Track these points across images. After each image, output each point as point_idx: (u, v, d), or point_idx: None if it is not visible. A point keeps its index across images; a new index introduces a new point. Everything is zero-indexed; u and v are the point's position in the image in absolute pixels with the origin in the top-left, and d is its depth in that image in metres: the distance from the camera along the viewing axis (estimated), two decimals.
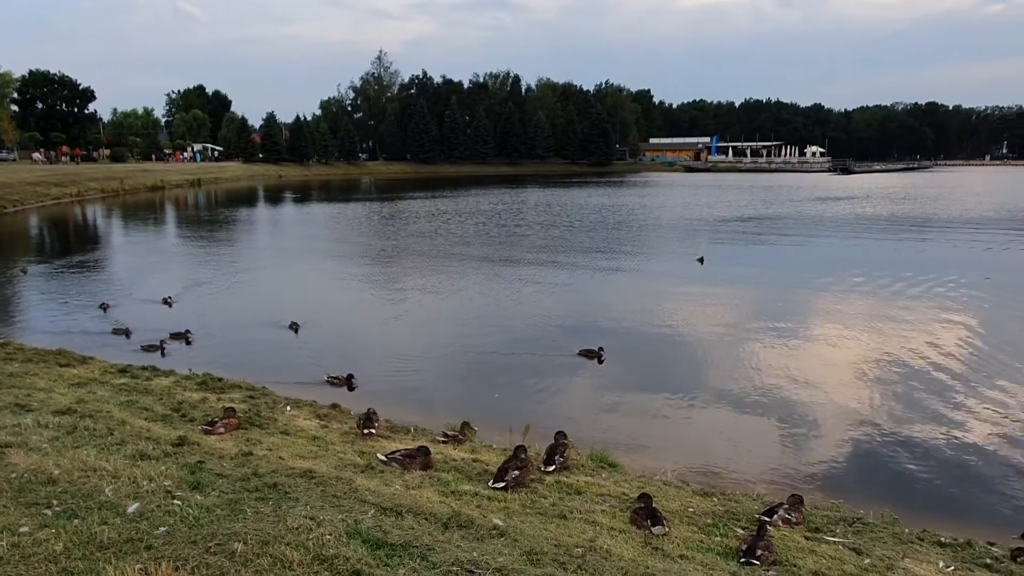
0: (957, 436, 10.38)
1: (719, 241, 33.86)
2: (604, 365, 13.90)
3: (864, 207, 56.20)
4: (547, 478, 7.72)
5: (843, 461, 9.71)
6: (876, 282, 22.56)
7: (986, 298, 20.26)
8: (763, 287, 22.02)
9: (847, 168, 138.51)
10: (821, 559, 6.06)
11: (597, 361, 14.03)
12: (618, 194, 74.42)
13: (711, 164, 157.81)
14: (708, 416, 11.39)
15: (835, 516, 7.27)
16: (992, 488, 8.85)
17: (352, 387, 12.47)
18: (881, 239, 35.25)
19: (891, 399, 11.96)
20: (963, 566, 6.19)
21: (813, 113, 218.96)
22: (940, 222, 44.41)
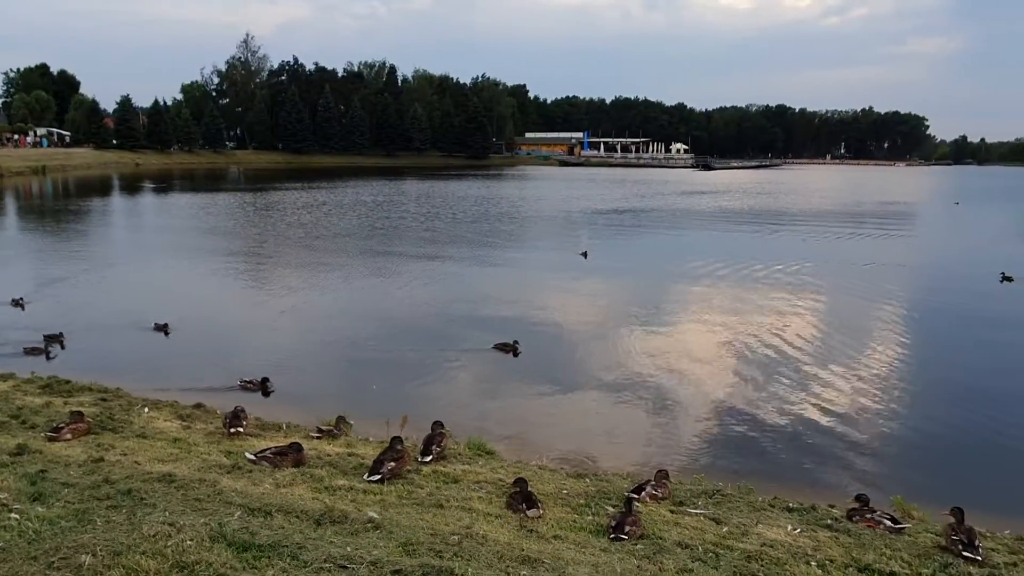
0: (802, 412, 11.29)
1: (600, 235, 34.92)
2: (487, 356, 13.99)
3: (725, 201, 59.95)
4: (424, 468, 7.68)
5: (705, 438, 10.31)
6: (735, 271, 24.15)
7: (828, 284, 22.18)
8: (639, 278, 22.97)
9: (708, 164, 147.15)
10: (684, 530, 6.40)
11: (512, 355, 14.05)
12: (498, 187, 75.11)
13: (584, 159, 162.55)
14: (585, 402, 11.76)
15: (697, 489, 7.71)
16: (832, 457, 9.69)
17: (268, 391, 11.72)
18: (740, 230, 37.71)
19: (747, 380, 12.83)
20: (808, 528, 6.75)
21: (677, 112, 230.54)
22: (790, 215, 48.22)
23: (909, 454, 9.94)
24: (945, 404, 12.05)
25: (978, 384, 13.20)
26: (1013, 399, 12.33)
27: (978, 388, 12.94)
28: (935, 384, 13.13)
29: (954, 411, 11.71)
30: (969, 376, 13.74)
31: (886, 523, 6.76)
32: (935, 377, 13.54)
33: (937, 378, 13.51)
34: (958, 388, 13.01)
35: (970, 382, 13.38)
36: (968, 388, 12.98)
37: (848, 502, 7.41)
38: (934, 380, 13.35)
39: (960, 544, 6.14)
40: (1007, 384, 13.20)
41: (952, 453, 10.10)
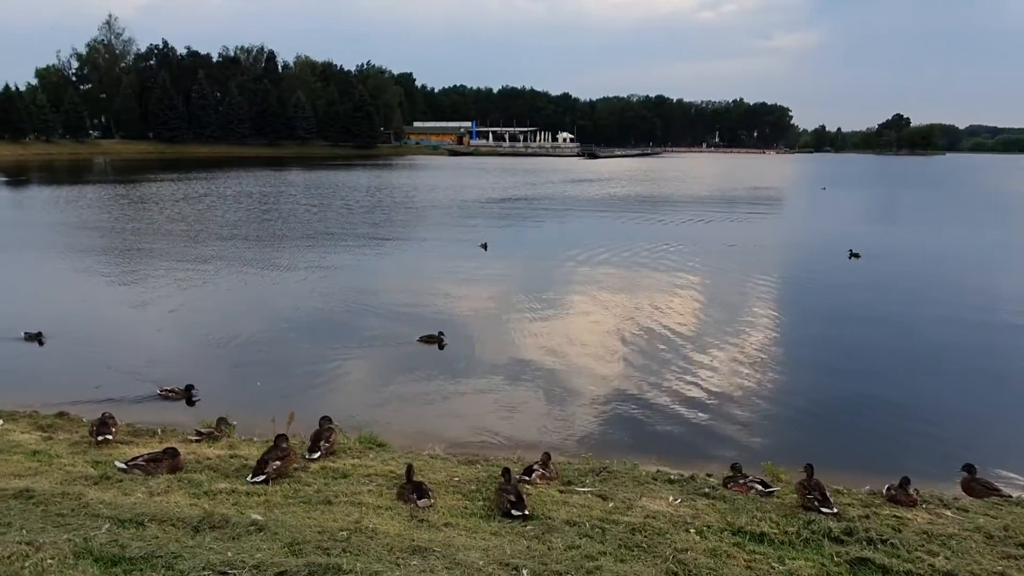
0: (683, 389, 11.86)
1: (497, 224, 34.85)
2: (381, 350, 13.78)
3: (612, 188, 61.80)
4: (312, 465, 7.48)
5: (593, 419, 10.63)
6: (623, 256, 24.99)
7: (704, 265, 23.38)
8: (535, 267, 23.21)
9: (593, 153, 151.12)
10: (573, 508, 6.58)
11: (438, 347, 13.92)
12: (389, 176, 73.91)
13: (473, 148, 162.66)
14: (479, 389, 11.83)
15: (585, 468, 7.94)
16: (710, 429, 10.25)
17: (192, 400, 10.92)
18: (626, 217, 38.93)
19: (631, 361, 13.33)
20: (688, 497, 7.11)
21: (563, 102, 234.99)
22: (671, 201, 50.35)
23: (778, 423, 10.64)
24: (807, 373, 13.03)
25: (833, 353, 14.35)
26: (863, 366, 13.43)
27: (833, 357, 14.08)
28: (797, 355, 14.15)
29: (815, 379, 12.69)
30: (825, 346, 14.89)
31: (757, 488, 7.22)
32: (796, 348, 14.58)
33: (798, 349, 14.55)
34: (817, 358, 14.07)
35: (826, 351, 14.49)
36: (825, 357, 14.08)
37: (724, 471, 7.86)
38: (796, 351, 14.38)
39: (816, 500, 6.70)
40: (857, 352, 14.35)
41: (816, 419, 10.88)
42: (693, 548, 5.73)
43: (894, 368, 13.34)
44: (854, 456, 9.32)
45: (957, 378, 12.87)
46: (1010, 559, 5.88)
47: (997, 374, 13.04)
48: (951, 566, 5.59)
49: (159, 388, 11.13)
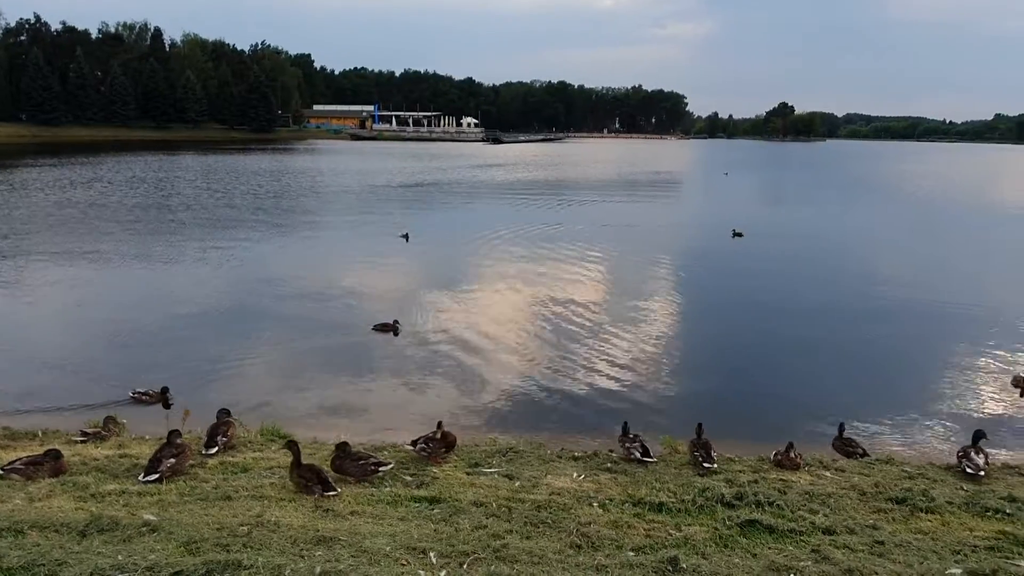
0: (587, 367, 12.17)
1: (412, 211, 34.14)
2: (287, 342, 13.36)
3: (519, 173, 62.20)
4: (210, 461, 7.22)
5: (501, 401, 10.75)
6: (532, 240, 25.27)
7: (612, 250, 23.98)
8: (453, 255, 22.96)
9: (498, 138, 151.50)
10: (480, 490, 6.66)
11: (393, 334, 13.71)
12: (291, 161, 71.51)
13: (376, 132, 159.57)
14: (390, 376, 11.73)
15: (492, 450, 8.04)
16: (612, 406, 10.56)
17: (168, 403, 10.03)
18: (535, 201, 39.25)
19: (538, 344, 13.55)
20: (591, 473, 7.33)
21: (467, 86, 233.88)
22: (577, 185, 51.25)
23: (675, 398, 11.10)
24: (699, 349, 13.69)
25: (722, 330, 15.13)
26: (749, 341, 14.24)
27: (723, 333, 14.85)
28: (690, 332, 14.86)
29: (707, 355, 13.35)
30: (714, 323, 15.70)
31: (636, 455, 7.52)
32: (689, 326, 15.30)
33: (690, 327, 15.27)
34: (708, 334, 14.82)
35: (716, 328, 15.27)
36: (715, 334, 14.84)
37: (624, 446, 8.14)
38: (688, 329, 15.09)
39: (700, 457, 7.32)
40: (743, 328, 15.19)
41: (709, 394, 11.40)
42: (596, 521, 5.93)
43: (776, 342, 14.19)
44: (745, 426, 9.83)
45: (832, 349, 13.77)
46: (880, 512, 6.40)
47: (867, 343, 14.07)
48: (829, 522, 6.03)
49: (132, 390, 10.22)
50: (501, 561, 4.99)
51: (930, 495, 6.68)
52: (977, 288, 19.37)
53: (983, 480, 7.26)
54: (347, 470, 6.75)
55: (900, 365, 12.93)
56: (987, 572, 4.99)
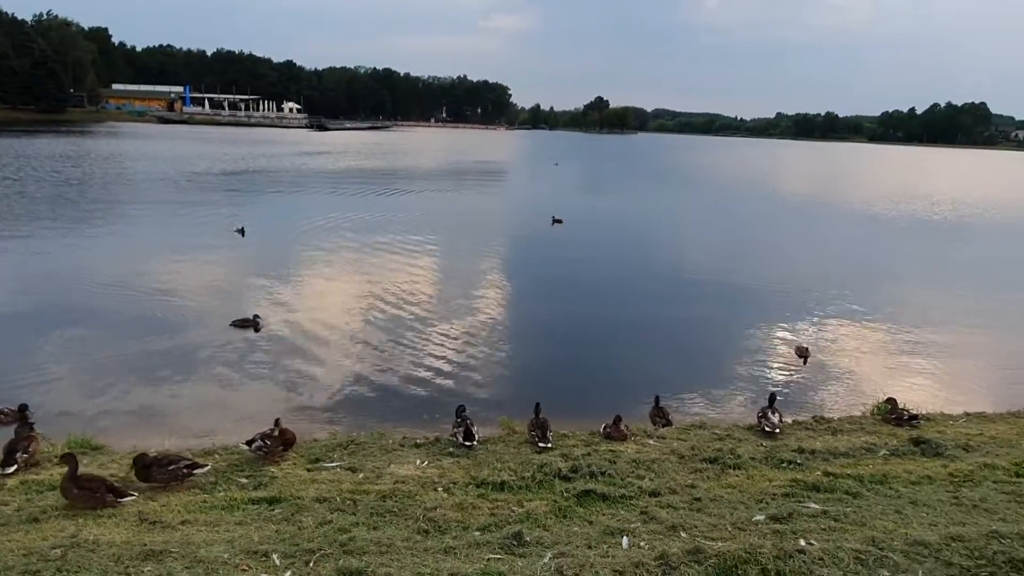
0: (423, 357, 12.21)
1: (240, 200, 31.73)
2: (102, 347, 12.04)
3: (349, 161, 60.56)
4: (9, 481, 6.45)
5: (338, 394, 10.50)
6: (366, 230, 24.70)
7: (443, 238, 24.12)
8: (291, 246, 21.66)
9: (323, 125, 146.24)
10: (322, 485, 6.53)
11: (254, 330, 12.95)
12: (92, 144, 64.12)
13: (187, 116, 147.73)
14: (218, 378, 10.98)
15: (333, 443, 7.89)
16: (452, 392, 10.69)
17: (28, 421, 8.15)
18: (368, 189, 38.35)
19: (374, 334, 13.37)
20: (434, 459, 7.43)
21: (287, 70, 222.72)
22: (407, 174, 50.84)
23: (511, 380, 11.47)
24: (530, 332, 14.23)
25: (549, 309, 15.84)
26: (575, 321, 15.01)
27: (550, 313, 15.54)
28: (520, 313, 15.41)
29: (537, 337, 13.91)
30: (541, 303, 16.39)
31: (459, 439, 7.75)
32: (519, 308, 15.86)
33: (521, 308, 15.85)
34: (537, 317, 15.41)
35: (543, 308, 15.94)
36: (543, 316, 15.47)
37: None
38: (519, 310, 15.64)
39: (536, 437, 7.73)
40: (569, 309, 15.98)
41: (542, 374, 11.90)
42: (442, 505, 6.04)
43: (598, 323, 15.05)
44: (576, 403, 10.38)
45: (648, 328, 14.92)
46: (697, 472, 7.09)
47: (678, 321, 15.41)
48: (654, 485, 6.59)
49: None
50: (349, 555, 4.95)
51: (737, 453, 7.49)
52: (769, 269, 21.75)
53: (779, 436, 8.25)
54: (155, 478, 6.30)
55: (707, 340, 14.26)
56: (784, 515, 5.71)
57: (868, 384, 11.53)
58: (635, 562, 4.68)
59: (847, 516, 5.73)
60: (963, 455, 7.56)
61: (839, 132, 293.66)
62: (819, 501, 6.11)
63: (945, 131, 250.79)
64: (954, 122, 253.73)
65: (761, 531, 5.41)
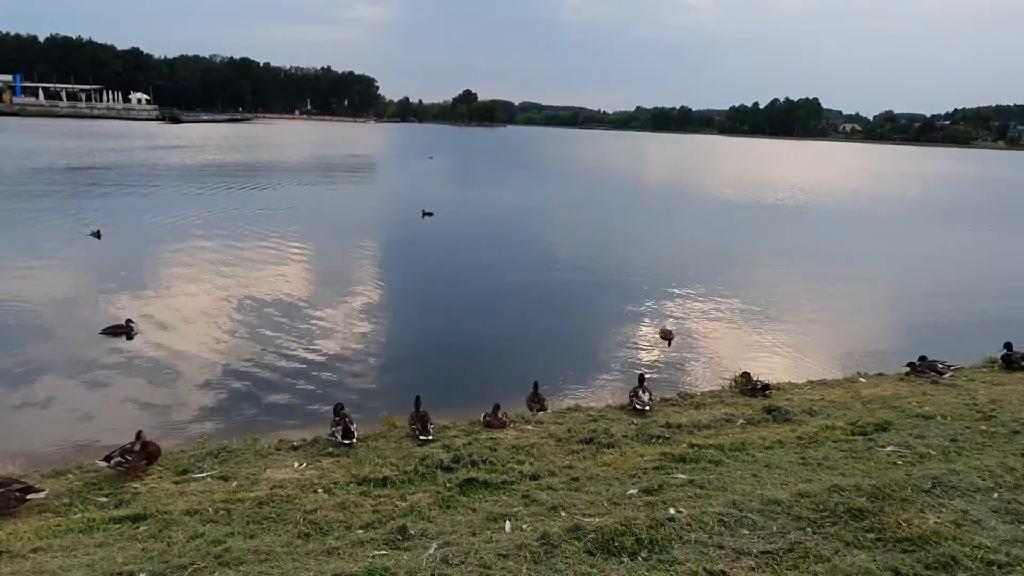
0: (298, 358, 11.85)
1: (91, 199, 28.97)
2: None
3: (209, 156, 57.25)
4: None
5: (207, 401, 9.99)
6: (233, 226, 23.45)
7: (312, 233, 23.39)
8: (150, 248, 20.04)
9: (176, 117, 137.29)
10: (192, 497, 6.21)
11: (126, 337, 12.11)
12: None
13: (19, 107, 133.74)
14: (78, 387, 10.15)
15: (202, 453, 7.50)
16: (328, 392, 10.44)
17: None
18: (232, 185, 36.35)
19: (245, 336, 12.81)
20: (313, 460, 7.25)
21: (133, 58, 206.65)
22: (272, 168, 48.71)
23: (390, 376, 11.37)
24: (405, 327, 14.15)
25: (424, 303, 15.88)
26: (449, 314, 15.13)
27: (425, 306, 15.57)
28: (395, 308, 15.30)
29: (413, 332, 13.85)
30: (416, 297, 16.39)
31: (337, 438, 7.67)
32: (394, 302, 15.75)
33: (396, 303, 15.74)
34: (413, 309, 15.42)
35: (418, 302, 15.95)
36: (419, 307, 15.51)
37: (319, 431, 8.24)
38: (394, 305, 15.53)
39: (417, 430, 7.82)
40: (443, 302, 16.07)
41: (422, 368, 11.87)
42: (323, 506, 5.92)
43: (474, 314, 15.27)
44: (455, 394, 10.47)
45: (524, 317, 15.25)
46: (574, 453, 7.36)
47: (552, 309, 15.86)
48: (534, 469, 6.78)
49: None
50: (225, 566, 4.77)
51: (610, 432, 7.84)
52: (635, 256, 22.79)
53: (648, 414, 8.72)
54: None
55: (580, 326, 14.75)
56: (655, 487, 6.06)
57: (727, 360, 12.40)
58: (518, 544, 4.82)
59: (711, 483, 6.16)
60: (808, 419, 8.32)
61: (693, 125, 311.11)
62: (686, 471, 6.52)
63: (784, 124, 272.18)
64: (792, 115, 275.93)
65: (635, 504, 5.71)
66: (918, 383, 10.09)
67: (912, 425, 7.79)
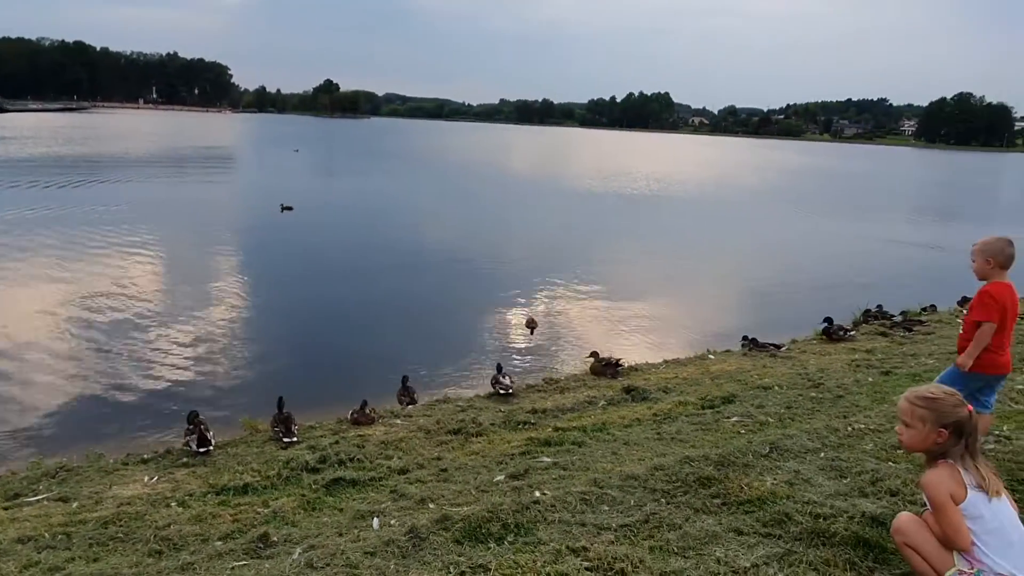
0: (150, 364, 11.06)
1: None
2: None
3: (41, 148, 52.06)
4: None
5: (44, 418, 9.12)
6: (74, 225, 21.36)
7: (162, 230, 21.87)
8: None
9: (0, 106, 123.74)
10: (26, 523, 5.68)
11: None
12: None
13: None
14: None
15: (37, 474, 6.86)
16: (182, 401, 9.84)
17: None
18: (66, 180, 33.08)
19: (89, 343, 11.78)
20: (165, 472, 6.84)
21: None
22: (116, 161, 44.96)
23: (251, 379, 10.86)
24: (268, 323, 13.64)
25: (286, 300, 15.33)
26: (311, 311, 14.63)
27: (287, 303, 15.06)
28: (255, 307, 14.63)
29: (275, 331, 13.33)
30: (276, 294, 15.74)
31: (193, 446, 7.34)
32: (253, 301, 15.03)
33: (255, 301, 15.02)
34: (271, 309, 14.75)
35: (279, 300, 15.36)
36: (280, 305, 14.96)
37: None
38: (253, 304, 14.83)
39: (280, 433, 7.62)
40: (304, 300, 15.54)
41: (285, 369, 11.43)
42: (177, 520, 5.60)
43: (339, 310, 14.91)
44: (322, 393, 10.17)
45: (391, 311, 15.06)
46: (443, 444, 7.40)
47: (419, 301, 15.79)
48: (403, 464, 6.75)
49: None
50: None
51: (479, 421, 7.95)
52: (501, 246, 23.13)
53: (514, 400, 8.91)
54: None
55: (448, 318, 14.79)
56: (521, 472, 6.21)
57: (590, 345, 12.84)
58: (386, 541, 4.79)
59: (574, 464, 6.39)
60: (664, 396, 8.83)
61: (555, 117, 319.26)
62: (550, 454, 6.73)
63: (639, 117, 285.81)
64: (646, 109, 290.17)
65: (502, 490, 5.83)
66: (759, 357, 10.98)
67: (754, 396, 8.46)
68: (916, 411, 3.40)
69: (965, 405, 3.38)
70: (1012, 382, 7.73)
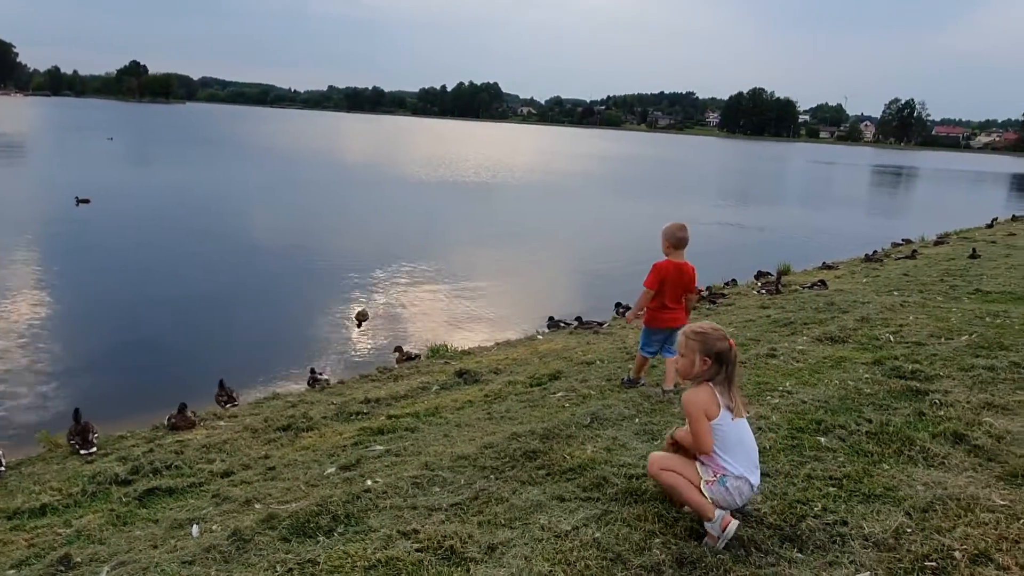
0: None
1: None
2: None
3: None
4: None
5: None
6: None
7: None
8: None
9: None
10: None
11: None
12: None
13: None
14: None
15: None
16: None
17: None
18: None
19: None
20: None
21: None
22: None
23: (50, 388, 9.82)
24: (70, 329, 12.36)
25: (88, 302, 14.03)
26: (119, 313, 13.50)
27: (89, 306, 13.80)
28: (49, 312, 13.18)
29: (81, 333, 12.16)
30: (73, 296, 14.31)
31: None
32: (45, 305, 13.55)
33: (48, 305, 13.55)
34: (76, 310, 13.44)
35: (80, 302, 13.99)
36: (82, 308, 13.64)
37: None
38: (46, 309, 13.36)
39: (77, 445, 7.10)
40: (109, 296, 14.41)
41: (91, 377, 10.44)
42: None
43: (150, 309, 13.79)
44: (134, 400, 9.42)
45: (209, 308, 14.21)
46: (271, 443, 7.14)
47: (242, 297, 15.09)
48: (227, 466, 6.44)
49: None
50: None
51: (309, 416, 7.75)
52: (333, 237, 22.51)
53: (331, 387, 8.78)
54: None
55: (276, 314, 14.19)
56: (353, 463, 6.15)
57: (425, 333, 12.96)
58: (206, 547, 4.56)
59: (407, 450, 6.43)
60: (495, 378, 9.08)
61: (386, 105, 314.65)
62: (383, 442, 6.72)
63: (470, 106, 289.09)
64: (476, 99, 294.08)
65: (332, 482, 5.74)
66: (584, 335, 11.59)
67: (578, 371, 8.93)
68: (689, 343, 3.99)
69: (727, 339, 3.99)
70: (794, 343, 8.78)
